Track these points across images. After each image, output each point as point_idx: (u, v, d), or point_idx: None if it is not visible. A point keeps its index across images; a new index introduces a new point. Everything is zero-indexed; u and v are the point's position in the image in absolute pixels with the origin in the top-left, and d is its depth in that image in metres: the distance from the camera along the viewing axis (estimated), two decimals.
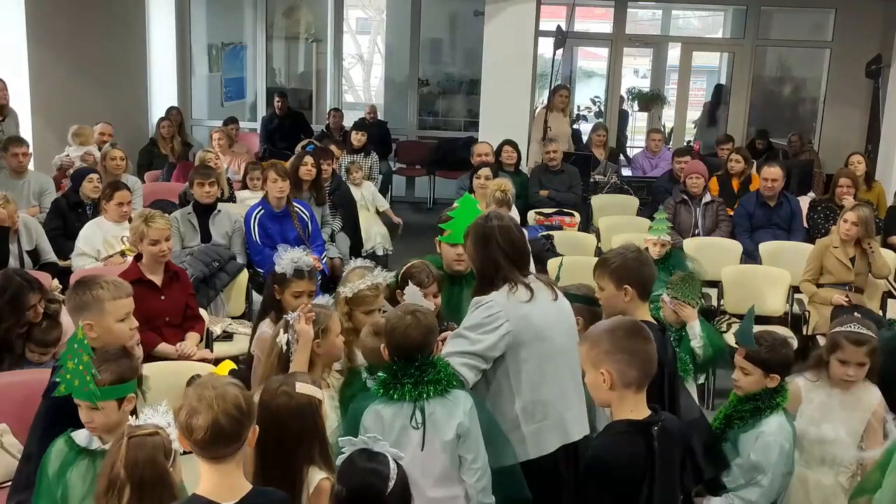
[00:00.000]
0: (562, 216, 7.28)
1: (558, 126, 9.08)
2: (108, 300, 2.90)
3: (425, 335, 2.74)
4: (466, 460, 2.73)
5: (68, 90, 8.62)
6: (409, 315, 2.75)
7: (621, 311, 3.10)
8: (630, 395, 2.47)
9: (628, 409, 2.48)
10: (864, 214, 5.63)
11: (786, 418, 3.14)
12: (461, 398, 2.74)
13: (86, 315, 2.87)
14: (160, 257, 4.58)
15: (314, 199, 6.58)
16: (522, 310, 2.93)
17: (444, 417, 2.70)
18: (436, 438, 2.69)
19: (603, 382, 2.47)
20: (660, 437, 2.43)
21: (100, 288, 2.91)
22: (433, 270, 3.53)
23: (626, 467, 2.41)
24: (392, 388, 2.71)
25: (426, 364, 2.72)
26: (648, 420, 2.47)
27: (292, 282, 3.83)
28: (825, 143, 11.16)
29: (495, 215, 3.14)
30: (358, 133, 8.85)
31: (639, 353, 2.46)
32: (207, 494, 2.05)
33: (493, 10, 8.24)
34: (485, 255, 3.01)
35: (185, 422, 2.05)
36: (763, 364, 3.09)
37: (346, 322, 3.40)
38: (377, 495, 2.25)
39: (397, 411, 2.70)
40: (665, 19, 14.35)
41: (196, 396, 2.07)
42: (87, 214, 5.98)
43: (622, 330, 2.51)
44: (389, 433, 2.66)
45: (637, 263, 3.10)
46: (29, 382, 3.71)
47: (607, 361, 2.46)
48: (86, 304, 2.89)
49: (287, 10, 13.04)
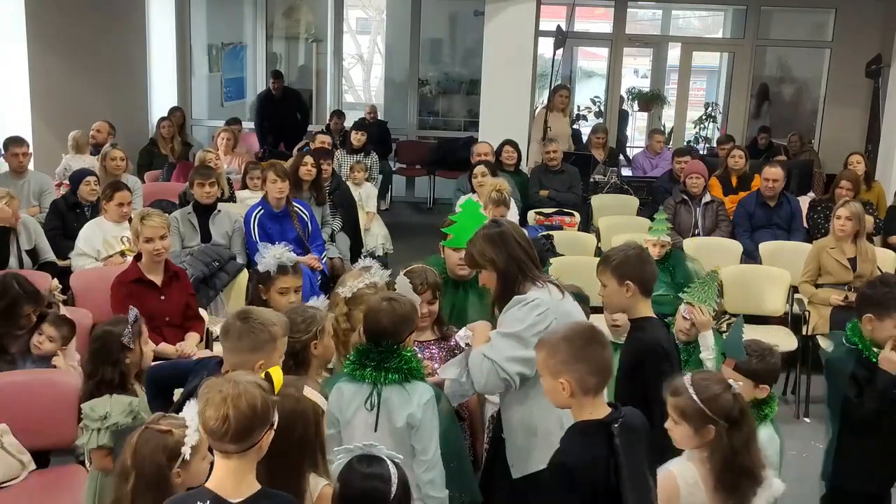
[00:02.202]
0: (562, 216, 7.28)
1: (558, 126, 9.08)
2: (280, 338, 2.78)
3: (395, 324, 2.84)
4: (417, 451, 2.81)
5: (68, 90, 8.62)
6: (385, 301, 2.88)
7: (624, 307, 3.16)
8: (589, 399, 2.46)
9: (587, 412, 2.46)
10: (856, 209, 5.65)
11: (774, 430, 3.08)
12: (419, 390, 2.83)
13: (260, 355, 2.71)
14: (155, 256, 4.58)
15: (314, 199, 6.58)
16: (565, 307, 2.96)
17: (398, 405, 2.80)
18: (387, 424, 2.79)
19: (562, 390, 2.46)
20: (621, 434, 2.39)
21: (274, 325, 2.76)
22: (430, 277, 3.46)
23: (588, 469, 2.38)
24: (357, 368, 2.83)
25: (389, 351, 2.82)
26: (608, 418, 2.44)
27: (277, 278, 3.85)
28: (825, 143, 11.16)
29: (496, 220, 3.20)
30: (358, 133, 8.85)
31: (597, 361, 2.44)
32: (215, 488, 2.08)
33: (493, 10, 8.24)
34: (507, 254, 3.02)
35: (202, 410, 2.08)
36: (753, 375, 3.03)
37: (344, 322, 3.41)
38: (382, 498, 2.24)
39: (357, 390, 2.83)
40: (665, 19, 14.35)
41: (217, 388, 2.09)
42: (85, 215, 5.98)
43: (580, 339, 2.48)
44: (346, 410, 2.82)
45: (638, 260, 3.12)
46: (29, 382, 3.72)
47: (566, 372, 2.44)
48: (264, 343, 2.72)
49: (287, 10, 13.04)
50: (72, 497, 3.41)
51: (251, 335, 2.71)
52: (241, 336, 2.72)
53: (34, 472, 3.56)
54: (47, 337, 3.92)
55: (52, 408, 3.58)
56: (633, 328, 3.18)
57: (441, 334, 3.47)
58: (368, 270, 3.55)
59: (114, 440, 3.08)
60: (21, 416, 3.56)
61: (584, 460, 2.39)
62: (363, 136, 8.81)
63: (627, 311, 3.20)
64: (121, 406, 3.12)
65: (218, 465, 2.11)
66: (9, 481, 3.47)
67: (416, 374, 2.85)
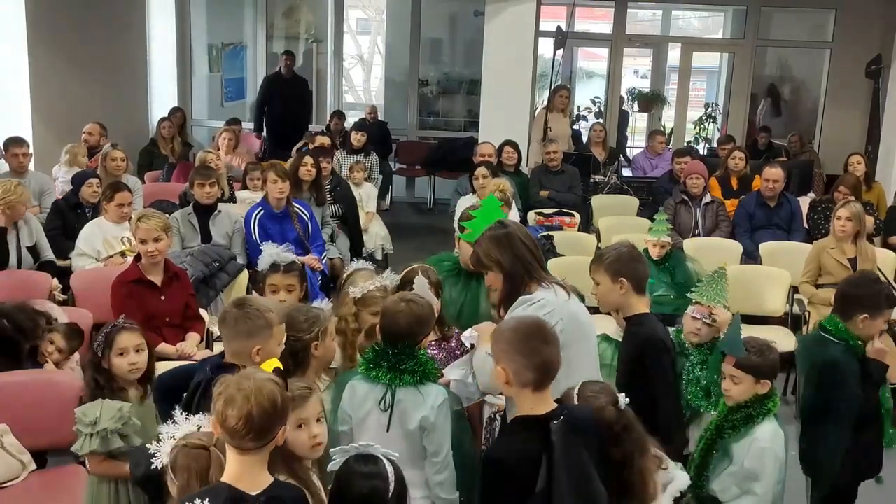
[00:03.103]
0: (562, 216, 7.28)
1: (558, 126, 9.09)
2: (276, 325, 2.84)
3: (411, 325, 2.84)
4: (429, 452, 2.81)
5: (68, 90, 8.62)
6: (403, 302, 2.88)
7: (618, 305, 3.19)
8: (527, 393, 2.44)
9: (528, 407, 2.45)
10: (856, 210, 5.66)
11: (778, 424, 3.07)
12: (433, 393, 2.82)
13: (257, 340, 2.80)
14: (149, 257, 4.57)
15: (314, 200, 6.58)
16: (571, 307, 2.96)
17: (411, 407, 2.79)
18: (399, 425, 2.78)
19: (500, 377, 2.47)
20: (560, 433, 2.36)
21: (270, 311, 2.84)
22: (432, 277, 3.49)
23: (519, 464, 2.36)
24: (372, 368, 2.83)
25: (405, 353, 2.82)
26: (547, 415, 2.42)
27: (268, 276, 3.89)
28: (825, 143, 11.16)
29: (502, 221, 3.21)
30: (358, 133, 8.85)
31: (535, 357, 2.43)
32: (233, 482, 2.09)
33: (493, 10, 8.24)
34: (512, 254, 3.02)
35: (220, 410, 2.09)
36: (754, 370, 3.02)
37: (353, 322, 3.43)
38: (381, 497, 2.25)
39: (371, 390, 2.83)
40: (665, 19, 14.35)
41: (235, 386, 2.10)
42: (86, 215, 5.98)
43: (522, 331, 2.48)
44: (360, 409, 2.81)
45: (631, 258, 3.15)
46: (29, 383, 3.72)
47: (503, 359, 2.46)
48: (260, 328, 2.80)
49: (287, 10, 13.04)
50: (72, 497, 3.41)
51: (247, 321, 2.80)
52: (237, 322, 2.82)
53: (34, 472, 3.56)
54: (56, 348, 3.92)
55: (52, 408, 3.57)
56: (629, 325, 3.19)
57: (442, 334, 3.47)
58: (360, 272, 3.57)
59: (104, 445, 3.03)
60: (21, 416, 3.56)
61: (514, 454, 2.39)
62: (363, 136, 8.81)
63: (622, 309, 3.21)
64: (110, 411, 3.07)
65: (234, 459, 2.12)
66: (9, 481, 3.47)
67: (430, 376, 2.85)
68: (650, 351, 3.08)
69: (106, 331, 3.28)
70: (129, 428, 3.05)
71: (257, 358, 2.76)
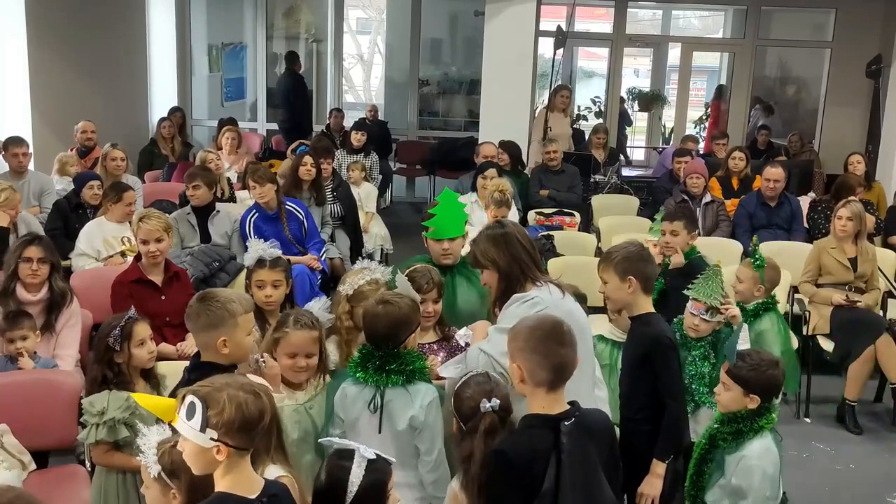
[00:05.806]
0: (562, 216, 7.27)
1: (559, 126, 9.08)
2: (240, 314, 2.85)
3: (391, 328, 2.84)
4: (421, 451, 2.81)
5: (68, 90, 8.62)
6: (380, 305, 2.88)
7: (625, 303, 3.19)
8: (541, 392, 2.45)
9: (540, 405, 2.46)
10: (856, 209, 5.66)
11: (772, 442, 3.00)
12: (422, 392, 2.81)
13: (221, 331, 2.82)
14: (150, 258, 4.58)
15: (314, 200, 6.57)
16: (566, 306, 2.95)
17: (399, 408, 2.79)
18: (389, 426, 2.79)
19: (515, 374, 2.49)
20: (570, 433, 2.37)
21: (232, 302, 2.86)
22: (434, 276, 3.46)
23: (527, 462, 2.36)
24: (359, 370, 2.84)
25: (390, 355, 2.82)
26: (559, 415, 2.42)
27: (254, 272, 3.89)
28: (825, 143, 11.15)
29: (501, 221, 3.20)
30: (358, 133, 8.85)
31: (551, 357, 2.44)
32: (231, 490, 2.08)
33: (493, 10, 8.24)
34: (509, 255, 3.02)
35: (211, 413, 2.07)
36: (744, 382, 2.97)
37: (347, 320, 3.41)
38: (343, 489, 2.26)
39: (360, 392, 2.83)
40: (665, 19, 14.36)
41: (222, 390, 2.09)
42: (87, 216, 5.97)
43: (541, 330, 2.49)
44: (350, 411, 2.82)
45: (640, 257, 3.15)
46: (29, 382, 3.72)
47: (519, 357, 2.48)
48: (221, 319, 2.82)
49: (287, 10, 13.05)
50: (72, 497, 3.41)
51: (208, 313, 2.83)
52: (198, 315, 2.86)
53: (34, 472, 3.55)
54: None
55: (52, 408, 3.58)
56: (636, 324, 3.19)
57: (443, 334, 3.46)
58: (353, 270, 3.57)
59: (112, 435, 3.10)
60: (21, 416, 3.55)
61: (523, 452, 2.39)
62: (363, 136, 8.81)
63: (628, 308, 3.21)
64: (118, 401, 3.14)
65: (226, 469, 2.08)
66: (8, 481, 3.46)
67: (419, 375, 2.85)
68: (658, 351, 3.08)
69: (120, 324, 3.31)
70: (136, 418, 3.08)
71: (224, 350, 2.81)
